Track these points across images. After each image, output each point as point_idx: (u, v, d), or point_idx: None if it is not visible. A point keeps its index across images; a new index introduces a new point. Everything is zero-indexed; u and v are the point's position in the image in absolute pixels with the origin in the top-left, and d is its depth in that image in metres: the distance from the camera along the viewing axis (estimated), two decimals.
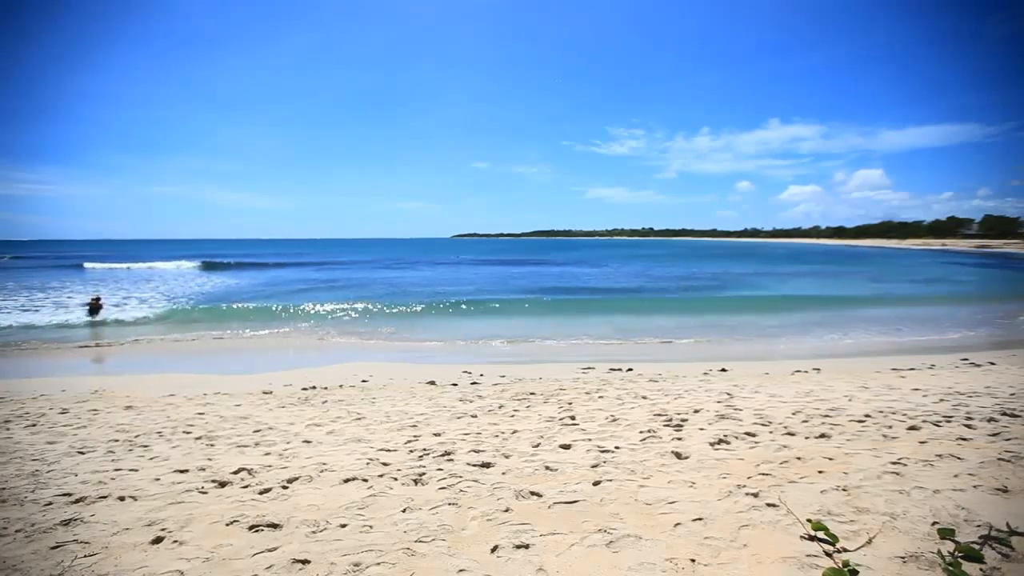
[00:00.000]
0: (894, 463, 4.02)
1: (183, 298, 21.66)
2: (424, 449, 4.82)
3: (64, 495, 3.87)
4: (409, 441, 5.14)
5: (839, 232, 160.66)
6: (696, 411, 6.00)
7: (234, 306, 17.76)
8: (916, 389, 7.01)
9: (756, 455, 4.39)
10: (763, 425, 5.31)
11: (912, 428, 5.02)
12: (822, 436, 4.85)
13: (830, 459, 4.19)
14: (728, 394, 6.91)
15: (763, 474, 3.92)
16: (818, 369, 9.19)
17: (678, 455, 4.47)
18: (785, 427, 5.20)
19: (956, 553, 2.55)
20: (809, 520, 3.04)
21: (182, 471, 4.41)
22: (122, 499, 3.77)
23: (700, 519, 3.20)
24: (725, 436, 4.93)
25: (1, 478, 4.34)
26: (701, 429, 5.25)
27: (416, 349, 11.42)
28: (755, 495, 3.51)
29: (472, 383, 8.58)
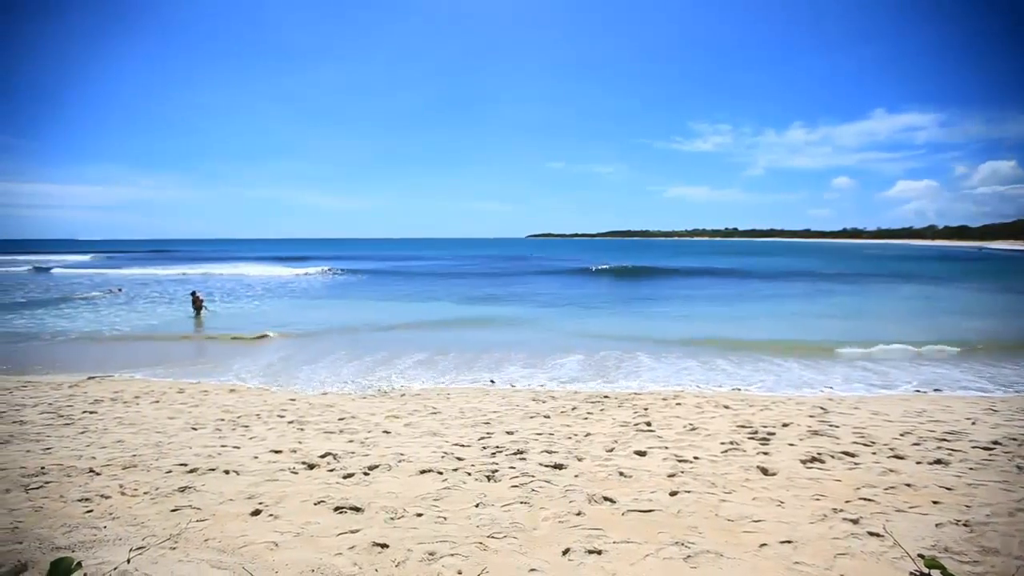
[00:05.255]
0: None
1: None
2: (497, 446, 4.88)
3: (181, 465, 4.35)
4: (483, 438, 5.23)
5: (960, 232, 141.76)
6: (785, 425, 5.57)
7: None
8: None
9: (856, 477, 3.99)
10: (865, 445, 4.81)
11: None
12: (937, 462, 4.31)
13: (948, 489, 3.71)
14: (822, 408, 6.35)
15: (865, 499, 3.55)
16: (939, 390, 8.01)
17: (764, 471, 4.17)
18: (891, 449, 4.68)
19: None
20: (921, 556, 2.70)
21: (277, 451, 4.79)
22: (227, 473, 4.17)
23: (789, 542, 2.96)
24: (819, 454, 4.53)
25: (133, 446, 4.98)
26: (791, 444, 4.86)
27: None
28: (854, 521, 3.19)
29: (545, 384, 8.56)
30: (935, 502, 3.48)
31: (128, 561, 2.62)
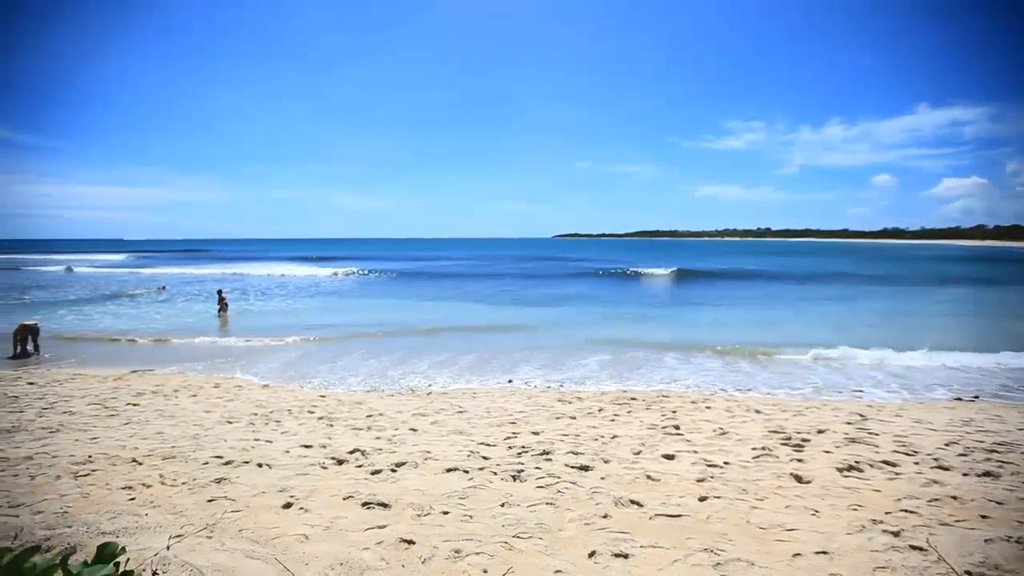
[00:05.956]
0: None
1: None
2: (523, 447, 4.88)
3: (217, 457, 4.50)
4: (508, 437, 5.23)
5: (1013, 232, 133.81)
6: (820, 431, 5.39)
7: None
8: None
9: (896, 488, 3.83)
10: (906, 455, 4.61)
11: None
12: (987, 475, 4.09)
13: (998, 503, 3.52)
14: (860, 415, 6.12)
15: (906, 511, 3.40)
16: (976, 397, 7.59)
17: (798, 478, 4.04)
18: (935, 459, 4.47)
19: None
20: (968, 572, 2.58)
21: (307, 446, 4.91)
22: (260, 466, 4.29)
23: (825, 552, 2.86)
24: (857, 462, 4.36)
25: (172, 438, 5.17)
26: (827, 452, 4.70)
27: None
28: (895, 534, 3.06)
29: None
30: (984, 516, 3.31)
31: (168, 548, 2.73)
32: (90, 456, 4.47)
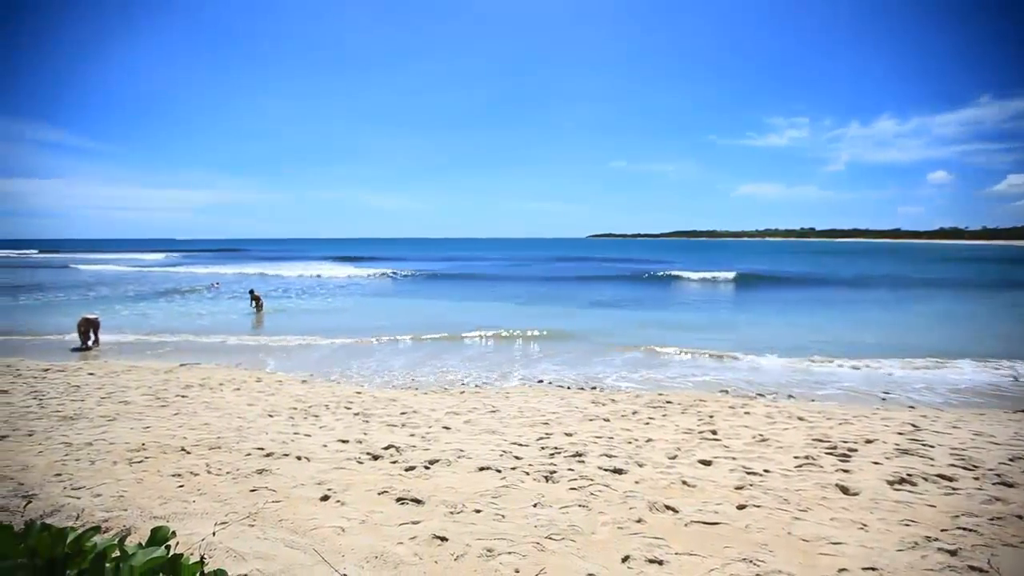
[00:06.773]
0: None
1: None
2: (555, 448, 4.85)
3: (259, 449, 4.67)
4: (541, 438, 5.21)
5: None
6: (869, 441, 5.13)
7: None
8: None
9: (954, 504, 3.60)
10: (965, 469, 4.33)
11: None
12: None
13: None
14: (913, 425, 5.79)
15: (965, 529, 3.20)
16: None
17: (844, 489, 3.86)
18: (998, 475, 4.17)
19: None
20: None
21: (344, 441, 5.03)
22: (299, 459, 4.43)
23: (873, 569, 2.72)
24: (909, 475, 4.13)
25: (218, 429, 5.40)
26: (876, 463, 4.47)
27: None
28: (952, 552, 2.88)
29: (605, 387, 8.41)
30: None
31: (213, 534, 2.85)
32: (143, 444, 4.72)
